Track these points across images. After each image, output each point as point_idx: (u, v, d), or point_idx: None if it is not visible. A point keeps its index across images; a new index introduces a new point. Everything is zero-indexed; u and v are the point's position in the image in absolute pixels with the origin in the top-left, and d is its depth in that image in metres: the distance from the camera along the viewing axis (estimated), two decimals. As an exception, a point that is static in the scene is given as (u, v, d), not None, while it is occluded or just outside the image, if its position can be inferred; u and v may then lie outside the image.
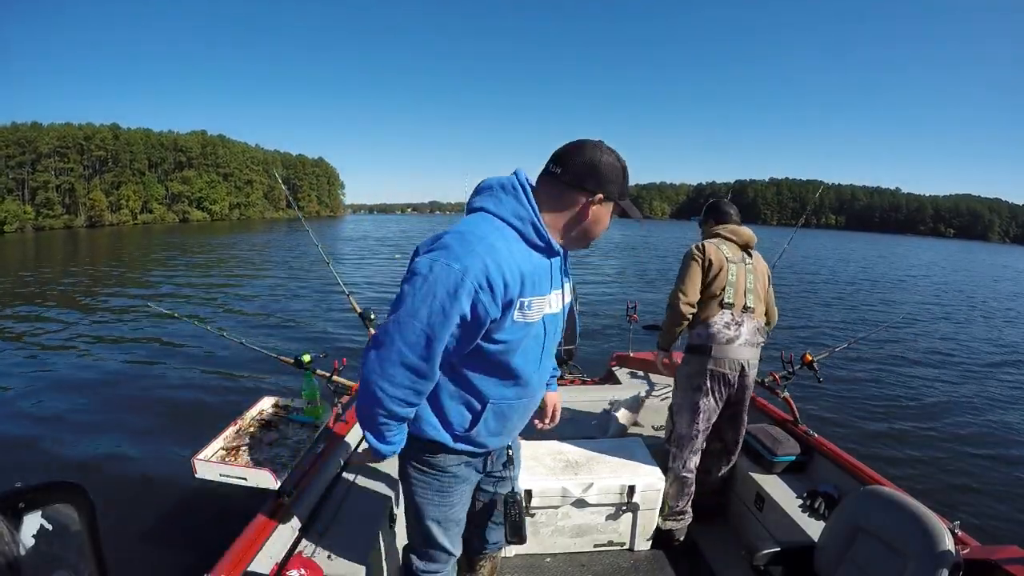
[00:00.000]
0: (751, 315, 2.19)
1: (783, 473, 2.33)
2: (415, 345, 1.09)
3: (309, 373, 2.19)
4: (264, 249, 26.62)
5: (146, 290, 13.33)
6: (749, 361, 2.18)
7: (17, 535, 0.58)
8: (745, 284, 2.20)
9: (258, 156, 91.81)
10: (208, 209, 79.05)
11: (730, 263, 2.19)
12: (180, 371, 6.50)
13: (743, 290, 2.19)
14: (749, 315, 2.19)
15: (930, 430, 5.25)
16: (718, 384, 2.19)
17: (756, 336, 2.20)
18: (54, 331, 8.80)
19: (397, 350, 1.10)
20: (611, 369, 3.75)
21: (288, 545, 1.61)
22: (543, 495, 2.07)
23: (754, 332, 2.19)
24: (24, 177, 62.27)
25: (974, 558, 1.42)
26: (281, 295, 12.41)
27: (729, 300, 2.17)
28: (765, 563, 1.71)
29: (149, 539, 3.13)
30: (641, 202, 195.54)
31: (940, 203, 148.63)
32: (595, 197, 1.18)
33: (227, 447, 1.82)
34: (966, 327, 11.11)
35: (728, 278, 2.18)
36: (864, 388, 6.38)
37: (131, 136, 73.62)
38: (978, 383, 6.98)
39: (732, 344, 2.16)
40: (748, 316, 2.19)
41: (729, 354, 2.16)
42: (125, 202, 69.84)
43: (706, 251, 2.20)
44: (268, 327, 9.11)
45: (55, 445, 4.49)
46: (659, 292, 13.95)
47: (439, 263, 1.07)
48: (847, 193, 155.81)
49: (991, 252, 61.77)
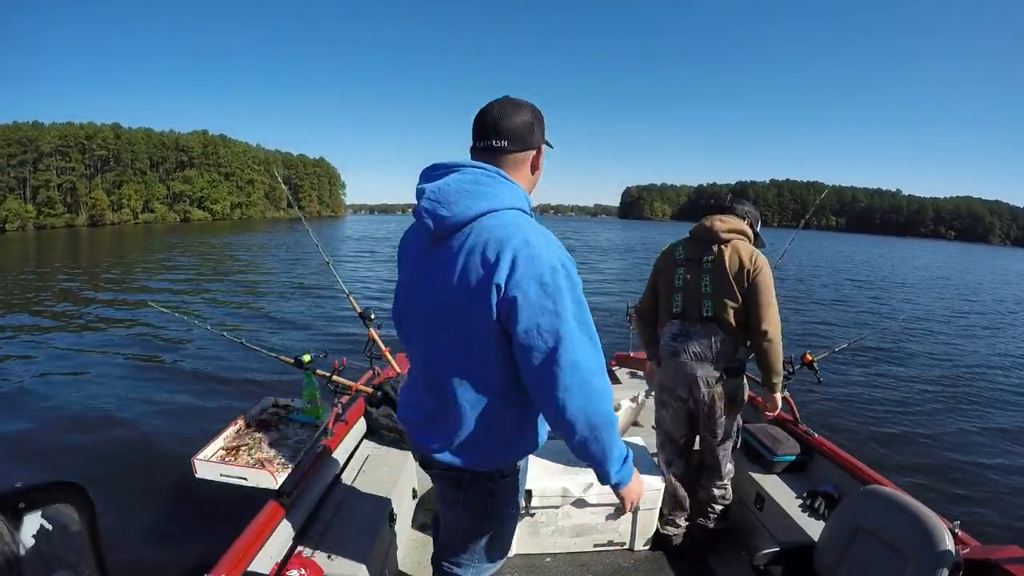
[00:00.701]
0: (708, 324, 1.93)
1: (783, 473, 2.33)
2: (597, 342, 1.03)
3: (309, 373, 2.20)
4: (264, 249, 26.63)
5: (146, 290, 13.33)
6: (701, 378, 1.95)
7: (17, 535, 0.58)
8: (700, 288, 1.95)
9: (259, 156, 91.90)
10: (209, 209, 79.15)
11: (677, 266, 2.00)
12: (180, 371, 6.50)
13: (694, 295, 1.95)
14: (705, 325, 1.93)
15: (930, 430, 5.25)
16: (670, 398, 2.08)
17: (715, 348, 1.93)
18: (54, 330, 8.80)
19: (600, 359, 1.03)
20: (611, 369, 3.75)
21: (288, 545, 1.61)
22: (543, 495, 2.06)
23: (711, 345, 1.93)
24: (25, 176, 62.38)
25: (974, 558, 1.42)
26: (281, 295, 12.41)
27: (676, 309, 1.99)
28: (765, 563, 1.71)
29: (149, 539, 3.13)
30: (643, 203, 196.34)
31: (941, 205, 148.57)
32: (540, 149, 1.15)
33: (227, 447, 1.82)
34: (966, 328, 11.11)
35: (675, 282, 1.99)
36: (864, 388, 6.37)
37: (133, 135, 73.74)
38: (978, 383, 6.98)
39: (677, 357, 1.98)
40: (703, 327, 1.93)
41: (674, 369, 2.00)
42: (126, 201, 69.92)
43: (664, 251, 2.08)
44: (268, 327, 9.10)
45: (55, 444, 4.49)
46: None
47: (569, 262, 1.02)
48: (848, 195, 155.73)
49: (992, 255, 61.71)
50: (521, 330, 0.98)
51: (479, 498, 1.22)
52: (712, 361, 1.93)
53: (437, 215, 1.02)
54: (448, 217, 1.02)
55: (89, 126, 70.32)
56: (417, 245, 1.13)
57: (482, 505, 1.23)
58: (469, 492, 1.21)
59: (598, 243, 36.70)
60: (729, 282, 1.89)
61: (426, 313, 1.10)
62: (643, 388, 3.19)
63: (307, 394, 2.16)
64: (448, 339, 1.07)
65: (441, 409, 1.13)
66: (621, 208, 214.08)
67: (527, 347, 0.98)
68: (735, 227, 1.97)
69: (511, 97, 1.13)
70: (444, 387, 1.10)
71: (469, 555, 1.32)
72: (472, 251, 1.00)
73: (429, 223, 1.04)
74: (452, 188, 1.02)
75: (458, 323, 1.04)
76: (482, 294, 0.99)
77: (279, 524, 1.60)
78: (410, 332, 1.18)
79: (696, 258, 1.97)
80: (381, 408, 2.35)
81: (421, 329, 1.13)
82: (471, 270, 1.00)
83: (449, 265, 1.03)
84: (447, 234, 1.04)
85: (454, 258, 1.02)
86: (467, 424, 1.11)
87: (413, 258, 1.15)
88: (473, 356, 1.05)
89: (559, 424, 1.05)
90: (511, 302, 0.97)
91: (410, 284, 1.16)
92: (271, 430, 1.98)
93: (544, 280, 0.97)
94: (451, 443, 1.14)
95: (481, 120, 1.10)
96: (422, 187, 1.06)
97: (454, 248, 1.03)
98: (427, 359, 1.13)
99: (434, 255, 1.07)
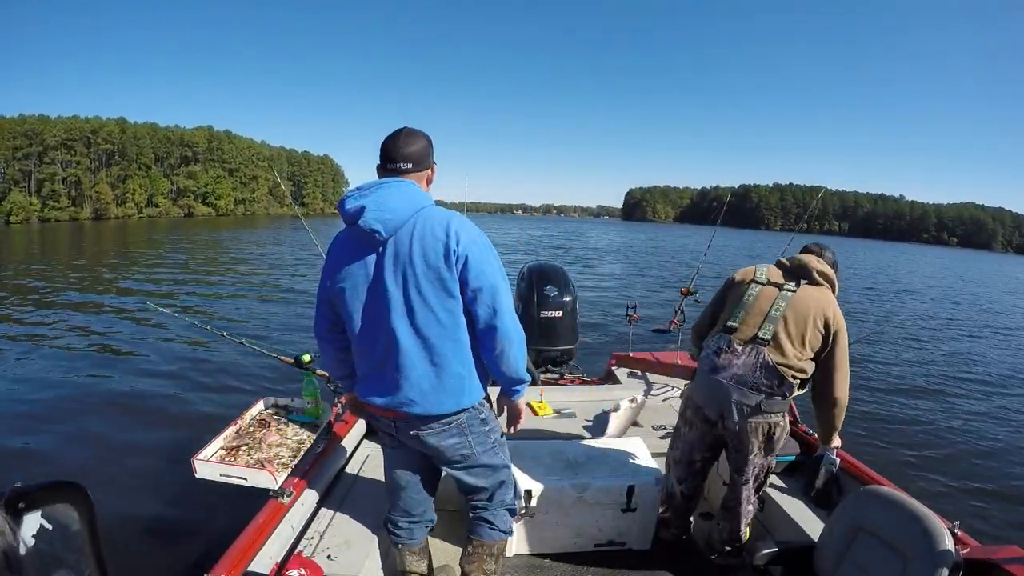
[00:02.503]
0: (760, 348, 1.74)
1: (783, 473, 2.33)
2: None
3: (309, 373, 2.20)
4: (266, 247, 26.68)
5: (145, 288, 13.35)
6: (736, 403, 1.76)
7: (17, 535, 0.58)
8: (769, 311, 1.77)
9: (264, 152, 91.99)
10: (213, 204, 79.22)
11: (754, 283, 1.85)
12: (180, 370, 6.50)
13: (759, 316, 1.78)
14: (757, 348, 1.74)
15: (930, 430, 5.26)
16: (696, 417, 1.92)
17: (758, 377, 1.73)
18: (54, 329, 8.79)
19: (512, 302, 1.44)
20: (611, 369, 3.76)
21: (288, 545, 1.61)
22: (543, 495, 2.06)
23: (757, 370, 1.73)
24: (30, 169, 62.53)
25: (974, 558, 1.42)
26: (281, 294, 12.43)
27: (732, 323, 1.81)
28: (765, 563, 1.71)
29: (149, 539, 3.13)
30: (645, 205, 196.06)
31: (944, 211, 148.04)
32: (432, 167, 1.51)
33: (227, 447, 1.82)
34: (966, 330, 11.11)
35: (744, 298, 1.83)
36: (864, 388, 6.37)
37: (138, 130, 73.80)
38: (978, 384, 6.99)
39: (715, 375, 1.80)
40: (754, 348, 1.75)
41: (708, 387, 1.83)
42: (131, 195, 69.97)
43: (745, 269, 1.95)
44: (268, 327, 9.11)
45: (54, 444, 4.49)
46: (660, 292, 13.95)
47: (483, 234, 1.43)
48: (851, 200, 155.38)
49: (994, 262, 61.54)
50: (472, 276, 1.35)
51: (476, 431, 1.52)
52: (752, 387, 1.73)
53: (384, 220, 1.34)
54: (392, 219, 1.35)
55: (95, 120, 70.44)
56: (357, 248, 1.41)
57: (481, 435, 1.53)
58: (469, 431, 1.50)
59: (600, 244, 36.67)
60: (805, 320, 1.74)
61: (397, 292, 1.37)
62: (643, 388, 3.19)
63: (307, 394, 2.16)
64: (426, 303, 1.36)
65: (431, 367, 1.40)
66: (624, 210, 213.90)
67: (477, 288, 1.36)
68: (829, 274, 1.84)
69: (409, 128, 1.47)
70: (429, 341, 1.38)
71: (494, 485, 1.64)
72: (424, 234, 1.35)
73: (379, 228, 1.34)
74: (392, 197, 1.36)
75: (431, 282, 1.35)
76: (444, 256, 1.34)
77: (279, 524, 1.60)
78: (373, 318, 1.41)
79: (778, 283, 1.83)
80: (381, 408, 2.35)
81: (391, 309, 1.37)
82: (429, 245, 1.34)
83: (409, 248, 1.35)
84: (395, 231, 1.36)
85: (411, 242, 1.35)
86: (455, 369, 1.42)
87: (359, 258, 1.41)
88: (444, 305, 1.37)
89: (497, 341, 1.40)
90: (464, 258, 1.35)
91: (360, 280, 1.41)
92: (271, 430, 1.98)
93: (480, 243, 1.39)
94: (446, 393, 1.42)
95: (388, 147, 1.44)
96: (361, 204, 1.34)
97: (406, 236, 1.36)
98: (407, 327, 1.38)
99: (389, 248, 1.37)
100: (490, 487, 1.63)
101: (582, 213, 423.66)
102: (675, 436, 2.10)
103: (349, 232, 1.44)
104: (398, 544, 1.70)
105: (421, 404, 1.42)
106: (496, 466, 1.61)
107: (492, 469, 1.60)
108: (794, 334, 1.74)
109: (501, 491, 1.66)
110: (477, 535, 1.67)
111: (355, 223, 1.36)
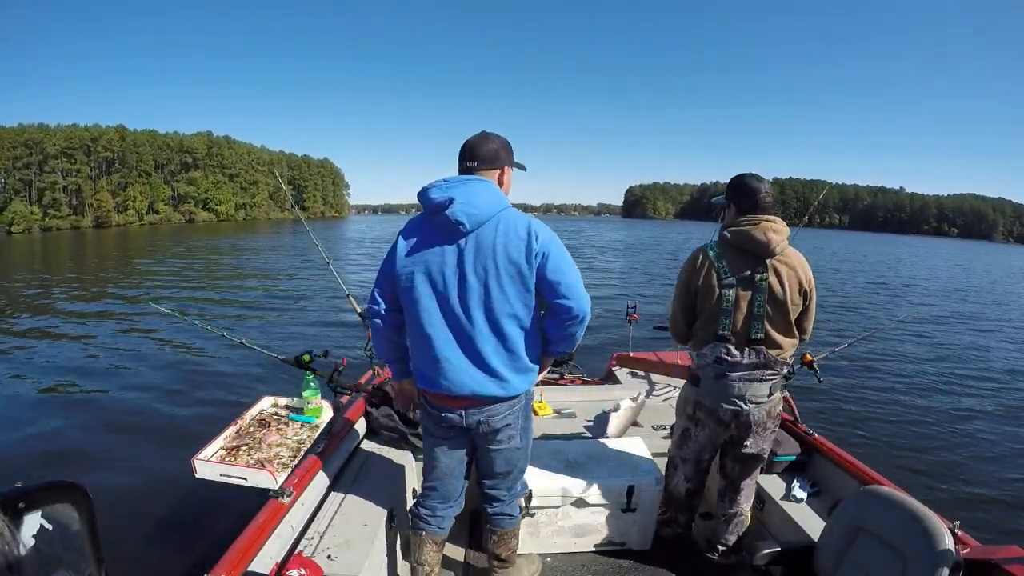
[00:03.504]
0: (758, 348, 1.80)
1: (783, 473, 2.33)
2: None
3: (309, 373, 2.21)
4: (266, 250, 26.72)
5: (148, 290, 13.39)
6: (748, 397, 1.84)
7: (17, 535, 0.58)
8: (751, 310, 1.79)
9: (263, 157, 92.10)
10: (214, 210, 79.37)
11: (725, 288, 1.79)
12: (180, 370, 6.54)
13: (745, 318, 1.80)
14: (755, 348, 1.81)
15: (930, 430, 5.24)
16: (707, 417, 1.94)
17: (763, 371, 1.82)
18: (55, 330, 8.86)
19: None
20: (611, 369, 3.75)
21: (288, 545, 1.62)
22: (543, 495, 2.07)
23: (760, 367, 1.82)
24: (31, 178, 62.70)
25: (974, 558, 1.42)
26: (282, 295, 12.46)
27: (723, 332, 1.82)
28: (765, 563, 1.71)
29: (149, 539, 3.15)
30: (645, 202, 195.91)
31: (944, 202, 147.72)
32: (504, 169, 1.62)
33: (227, 447, 1.83)
34: (966, 328, 11.05)
35: (723, 306, 1.80)
36: (864, 388, 6.36)
37: (137, 137, 73.96)
38: (978, 383, 6.95)
39: (723, 379, 1.84)
40: (752, 349, 1.81)
41: (719, 390, 1.87)
42: (131, 203, 70.13)
43: (698, 265, 1.84)
44: (268, 327, 9.15)
45: (54, 444, 4.52)
46: (662, 290, 13.93)
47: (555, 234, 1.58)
48: (851, 192, 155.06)
49: (996, 252, 61.29)
50: (550, 270, 1.49)
51: (523, 413, 1.66)
52: (760, 380, 1.83)
53: (470, 214, 1.45)
54: (477, 215, 1.46)
55: (94, 128, 70.61)
56: (436, 236, 1.50)
57: (526, 419, 1.69)
58: (521, 412, 1.65)
59: (600, 243, 36.66)
60: (787, 306, 1.78)
61: (477, 283, 1.48)
62: (643, 388, 3.19)
63: (307, 394, 2.17)
64: (504, 295, 1.48)
65: (505, 353, 1.53)
66: (624, 207, 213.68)
67: (556, 282, 1.49)
68: (785, 233, 1.79)
69: (488, 131, 1.62)
70: (503, 328, 1.51)
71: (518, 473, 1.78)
72: (507, 232, 1.48)
73: (465, 221, 1.45)
74: (478, 195, 1.48)
75: (511, 277, 1.48)
76: (525, 254, 1.47)
77: (279, 524, 1.60)
78: (449, 306, 1.50)
79: (747, 277, 1.78)
80: (381, 408, 2.36)
81: (470, 299, 1.49)
82: (511, 243, 1.47)
83: (492, 244, 1.47)
84: (478, 226, 1.47)
85: (494, 239, 1.47)
86: (525, 355, 1.56)
87: (436, 246, 1.50)
88: (520, 298, 1.50)
89: (573, 323, 1.55)
90: (544, 255, 1.48)
91: (434, 266, 1.49)
92: (271, 430, 1.99)
93: (557, 241, 1.53)
94: (518, 377, 1.57)
95: (466, 146, 1.59)
96: (448, 195, 1.45)
97: (490, 233, 1.47)
98: (482, 314, 1.49)
99: (471, 241, 1.48)
100: (517, 470, 1.77)
101: (582, 211, 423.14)
102: (683, 437, 2.07)
103: (427, 220, 1.52)
104: (423, 532, 1.77)
105: (500, 387, 1.54)
106: (526, 447, 1.75)
107: (524, 451, 1.74)
108: (781, 323, 1.81)
109: (520, 479, 1.83)
110: (500, 527, 1.82)
111: (438, 212, 1.46)
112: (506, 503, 1.80)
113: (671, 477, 2.17)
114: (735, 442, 1.95)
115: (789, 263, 1.79)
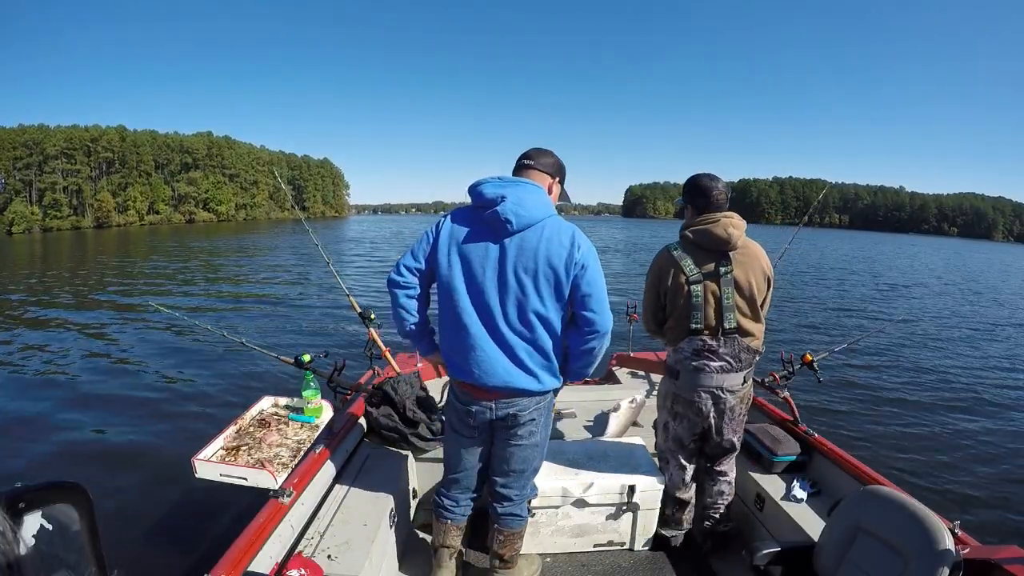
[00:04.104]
0: (732, 336, 1.90)
1: (783, 473, 2.33)
2: None
3: (309, 373, 2.21)
4: (266, 250, 26.72)
5: (148, 290, 13.40)
6: (725, 387, 1.94)
7: (17, 535, 0.58)
8: (721, 302, 1.88)
9: (263, 157, 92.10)
10: (214, 210, 79.36)
11: (692, 284, 1.87)
12: (180, 370, 6.54)
13: (716, 311, 1.88)
14: (729, 337, 1.90)
15: (930, 430, 5.23)
16: (685, 409, 2.03)
17: (739, 359, 1.93)
18: (55, 330, 8.86)
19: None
20: (611, 369, 3.75)
21: (288, 545, 1.62)
22: (543, 495, 2.07)
23: (736, 356, 1.92)
24: (31, 179, 62.70)
25: (974, 558, 1.41)
26: (282, 295, 12.46)
27: (696, 326, 1.90)
28: (765, 563, 1.71)
29: (149, 539, 3.15)
30: (645, 202, 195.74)
31: (944, 201, 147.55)
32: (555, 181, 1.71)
33: (227, 447, 1.84)
34: (966, 327, 11.03)
35: (693, 301, 1.88)
36: (864, 388, 6.35)
37: (138, 138, 73.95)
38: (978, 382, 6.94)
39: (701, 373, 1.93)
40: (727, 339, 1.89)
41: (698, 382, 1.95)
42: (132, 203, 70.13)
43: (664, 266, 1.93)
44: (268, 327, 9.14)
45: (54, 444, 4.52)
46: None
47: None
48: (851, 192, 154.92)
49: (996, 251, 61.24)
50: (585, 282, 1.55)
51: (547, 411, 1.73)
52: (736, 370, 1.94)
53: (519, 215, 1.51)
54: (526, 216, 1.52)
55: (94, 128, 70.59)
56: (481, 230, 1.56)
57: (548, 417, 1.75)
58: (545, 410, 1.71)
59: (600, 243, 36.62)
60: (753, 295, 1.90)
61: (515, 282, 1.53)
62: (643, 388, 3.19)
63: (307, 394, 2.18)
64: (540, 297, 1.54)
65: (535, 351, 1.59)
66: (624, 207, 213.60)
67: (588, 294, 1.55)
68: (743, 228, 1.90)
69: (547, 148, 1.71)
70: (534, 328, 1.56)
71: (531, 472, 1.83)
72: (551, 238, 1.53)
73: (513, 220, 1.50)
74: (528, 198, 1.54)
75: (548, 281, 1.53)
76: (566, 262, 1.53)
77: (279, 524, 1.61)
78: (484, 299, 1.55)
79: (712, 271, 1.88)
80: (381, 408, 2.36)
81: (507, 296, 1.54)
82: (554, 250, 1.52)
83: (536, 247, 1.52)
84: (524, 228, 1.53)
85: (539, 243, 1.52)
86: (552, 355, 1.61)
87: (479, 240, 1.56)
88: (553, 303, 1.56)
89: (595, 338, 1.60)
90: (583, 267, 1.54)
91: (473, 259, 1.55)
92: (271, 430, 1.99)
93: (595, 255, 1.59)
94: (546, 374, 1.62)
95: (527, 152, 1.68)
96: (501, 193, 1.51)
97: (535, 236, 1.53)
98: (516, 312, 1.55)
99: (514, 241, 1.53)
100: (531, 470, 1.81)
101: (583, 211, 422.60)
102: (665, 430, 2.16)
103: (474, 214, 1.57)
104: (447, 520, 1.86)
105: (531, 381, 1.60)
106: (543, 447, 1.80)
107: (540, 450, 1.79)
108: (749, 311, 1.91)
109: (531, 480, 1.87)
110: (509, 527, 1.85)
111: (489, 208, 1.51)
112: (516, 503, 1.83)
113: (665, 470, 2.21)
114: (712, 430, 2.05)
115: (750, 254, 1.92)
